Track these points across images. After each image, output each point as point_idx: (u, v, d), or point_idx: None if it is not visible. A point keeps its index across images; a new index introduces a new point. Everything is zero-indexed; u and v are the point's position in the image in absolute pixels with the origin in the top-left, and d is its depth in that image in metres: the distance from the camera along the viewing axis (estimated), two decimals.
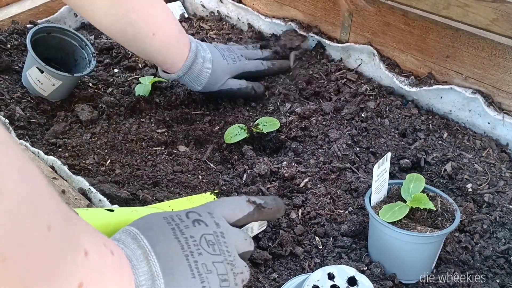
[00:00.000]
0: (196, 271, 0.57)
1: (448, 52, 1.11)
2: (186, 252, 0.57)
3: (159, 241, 0.57)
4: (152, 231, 0.58)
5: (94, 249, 0.48)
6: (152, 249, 0.56)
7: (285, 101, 1.22)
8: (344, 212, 0.94)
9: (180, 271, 0.56)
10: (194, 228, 0.60)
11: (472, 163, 1.03)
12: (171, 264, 0.56)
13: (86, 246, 0.46)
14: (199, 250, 0.58)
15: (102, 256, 0.49)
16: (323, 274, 0.69)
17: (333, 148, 1.05)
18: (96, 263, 0.47)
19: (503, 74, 1.05)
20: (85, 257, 0.46)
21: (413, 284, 0.85)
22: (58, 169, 0.91)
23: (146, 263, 0.55)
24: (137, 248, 0.56)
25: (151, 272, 0.54)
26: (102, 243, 0.50)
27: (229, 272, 0.60)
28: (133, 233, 0.58)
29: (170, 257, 0.56)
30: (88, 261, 0.46)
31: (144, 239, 0.57)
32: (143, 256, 0.55)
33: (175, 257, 0.57)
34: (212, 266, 0.58)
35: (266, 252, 0.85)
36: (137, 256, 0.55)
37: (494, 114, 1.07)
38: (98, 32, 1.51)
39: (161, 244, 0.57)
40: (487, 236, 0.91)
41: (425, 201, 0.81)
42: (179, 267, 0.56)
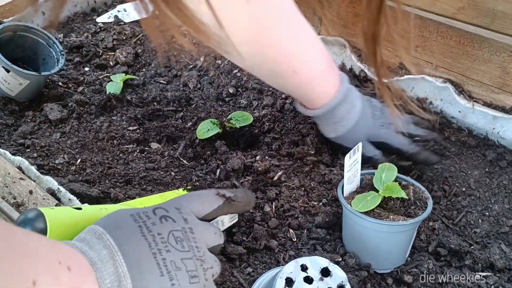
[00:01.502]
0: (165, 268, 0.56)
1: (417, 42, 1.12)
2: (153, 250, 0.56)
3: (126, 240, 0.56)
4: (118, 230, 0.57)
5: (45, 274, 0.46)
6: (118, 248, 0.55)
7: (258, 95, 1.21)
8: (318, 204, 0.94)
9: (148, 270, 0.54)
10: (161, 225, 0.59)
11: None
12: (138, 263, 0.54)
13: (34, 275, 0.45)
14: (167, 247, 0.57)
15: (55, 277, 0.47)
16: (296, 266, 0.68)
17: (307, 140, 1.05)
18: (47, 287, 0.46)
19: (472, 62, 1.05)
20: (33, 287, 0.44)
21: (388, 273, 0.85)
22: (25, 170, 0.89)
23: (112, 263, 0.54)
24: (102, 248, 0.54)
25: (118, 272, 0.53)
26: (56, 262, 0.48)
27: (199, 268, 0.59)
28: (99, 232, 0.56)
29: (137, 256, 0.55)
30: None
31: (110, 238, 0.55)
32: (109, 256, 0.54)
33: (142, 256, 0.55)
34: (181, 263, 0.57)
35: (241, 247, 0.84)
36: (102, 257, 0.54)
37: (465, 103, 1.08)
38: (67, 30, 1.48)
39: (128, 243, 0.55)
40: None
41: (397, 190, 0.81)
42: (147, 265, 0.55)
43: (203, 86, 1.27)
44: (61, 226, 0.65)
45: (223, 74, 1.28)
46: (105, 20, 1.53)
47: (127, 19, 1.55)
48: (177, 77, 1.32)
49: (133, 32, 1.47)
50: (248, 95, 1.22)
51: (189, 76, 1.29)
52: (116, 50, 1.39)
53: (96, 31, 1.47)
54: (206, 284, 0.60)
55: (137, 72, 1.35)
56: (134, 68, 1.36)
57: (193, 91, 1.26)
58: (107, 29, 1.48)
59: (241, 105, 1.19)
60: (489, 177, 1.03)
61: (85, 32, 1.47)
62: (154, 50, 1.42)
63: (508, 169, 1.04)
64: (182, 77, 1.30)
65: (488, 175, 1.03)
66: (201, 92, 1.25)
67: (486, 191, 1.00)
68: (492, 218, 0.94)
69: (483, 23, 1.00)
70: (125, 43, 1.43)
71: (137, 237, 0.57)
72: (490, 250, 0.87)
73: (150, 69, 1.35)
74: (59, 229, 0.65)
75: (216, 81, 1.27)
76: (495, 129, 1.07)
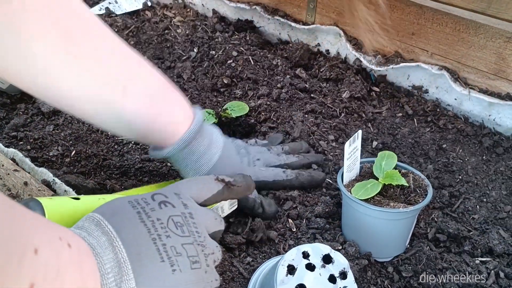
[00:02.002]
0: (165, 254, 0.54)
1: (413, 30, 1.11)
2: (153, 236, 0.55)
3: (125, 226, 0.55)
4: (116, 216, 0.56)
5: (46, 245, 0.45)
6: (117, 234, 0.53)
7: (254, 85, 1.20)
8: (316, 193, 0.94)
9: (148, 256, 0.53)
10: (160, 210, 0.58)
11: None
12: (138, 249, 0.53)
13: (36, 243, 0.43)
14: (167, 232, 0.56)
15: (56, 251, 0.46)
16: (297, 253, 0.68)
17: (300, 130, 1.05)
18: (49, 260, 0.44)
19: (467, 49, 1.05)
20: (34, 255, 0.43)
21: (388, 261, 0.84)
22: (19, 162, 0.87)
23: (111, 249, 0.53)
24: (101, 235, 0.53)
25: (117, 258, 0.52)
26: (56, 237, 0.47)
27: (200, 253, 0.58)
28: (97, 219, 0.55)
29: (136, 241, 0.54)
30: (38, 259, 0.43)
31: (109, 225, 0.54)
32: (108, 242, 0.53)
33: (142, 242, 0.54)
34: (182, 248, 0.56)
35: (239, 236, 0.83)
36: (102, 243, 0.53)
37: (461, 90, 1.07)
38: None
39: (127, 229, 0.54)
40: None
41: (398, 178, 0.81)
42: (147, 251, 0.54)
43: (197, 77, 1.25)
44: (59, 216, 0.64)
45: (217, 64, 1.26)
46: (96, 12, 1.51)
47: (119, 11, 1.53)
48: (171, 68, 1.31)
49: (125, 24, 1.45)
50: (243, 85, 1.21)
51: (182, 67, 1.27)
52: None
53: None
54: (208, 270, 0.59)
55: None
56: None
57: (187, 82, 1.24)
58: None
59: (237, 95, 1.18)
60: (486, 164, 1.03)
61: None
62: (147, 42, 1.41)
63: (505, 155, 1.04)
64: (175, 68, 1.28)
65: (485, 162, 1.03)
66: (195, 83, 1.24)
67: (484, 178, 1.00)
68: (490, 204, 0.94)
69: (479, 8, 1.00)
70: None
71: (136, 223, 0.56)
72: (489, 235, 0.87)
73: None
74: (57, 218, 0.63)
75: (211, 72, 1.25)
76: (491, 116, 1.07)
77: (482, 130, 1.08)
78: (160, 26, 1.47)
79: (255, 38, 1.36)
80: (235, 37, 1.36)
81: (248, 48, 1.31)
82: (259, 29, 1.41)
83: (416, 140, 1.07)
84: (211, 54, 1.31)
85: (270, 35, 1.39)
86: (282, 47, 1.34)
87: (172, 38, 1.42)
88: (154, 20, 1.50)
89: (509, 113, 1.04)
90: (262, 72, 1.24)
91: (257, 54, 1.29)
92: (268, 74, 1.24)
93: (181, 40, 1.40)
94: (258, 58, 1.28)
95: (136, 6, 1.56)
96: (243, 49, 1.30)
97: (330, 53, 1.29)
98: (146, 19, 1.52)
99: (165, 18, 1.52)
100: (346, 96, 1.16)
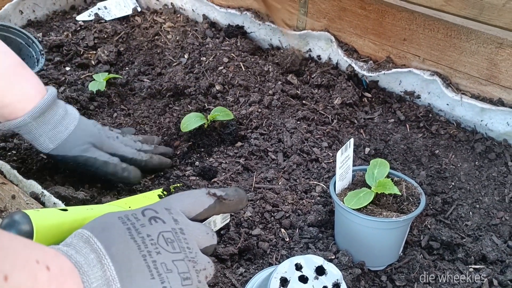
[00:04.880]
0: (155, 271, 0.53)
1: (405, 35, 1.11)
2: (143, 252, 0.54)
3: (114, 243, 0.53)
4: (106, 232, 0.54)
5: (18, 271, 0.44)
6: (106, 251, 0.52)
7: (245, 91, 1.19)
8: (309, 202, 0.93)
9: (138, 273, 0.52)
10: (150, 226, 0.56)
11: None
12: (128, 266, 0.52)
13: (7, 269, 0.42)
14: (157, 249, 0.55)
15: (31, 276, 0.45)
16: (290, 265, 0.67)
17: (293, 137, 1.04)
18: (22, 285, 0.43)
19: (459, 55, 1.05)
20: (4, 282, 0.42)
21: (382, 270, 0.84)
22: (7, 174, 0.86)
23: (100, 267, 0.51)
24: (90, 252, 0.52)
25: (106, 276, 0.51)
26: (33, 261, 0.46)
27: (191, 270, 0.57)
28: (86, 236, 0.54)
29: (126, 258, 0.52)
30: (8, 285, 0.42)
31: (98, 242, 0.53)
32: (96, 260, 0.52)
33: (132, 258, 0.53)
34: (172, 265, 0.55)
35: (232, 247, 0.83)
36: (90, 261, 0.52)
37: (453, 95, 1.07)
38: (47, 29, 1.45)
39: (116, 246, 0.53)
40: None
41: (390, 186, 0.80)
42: (137, 268, 0.52)
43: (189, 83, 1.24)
44: (47, 228, 0.63)
45: (208, 71, 1.25)
46: (85, 18, 1.50)
47: (108, 17, 1.51)
48: (161, 75, 1.30)
49: (115, 30, 1.44)
50: (234, 91, 1.20)
51: (173, 72, 1.26)
52: (97, 48, 1.36)
53: (77, 30, 1.44)
54: (199, 286, 0.58)
55: (120, 70, 1.32)
56: (117, 67, 1.33)
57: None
58: (88, 27, 1.45)
59: (228, 102, 1.17)
60: (478, 169, 1.02)
61: (65, 30, 1.43)
62: (137, 48, 1.40)
63: (497, 161, 1.04)
64: (166, 74, 1.27)
65: (478, 168, 1.03)
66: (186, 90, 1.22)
67: (476, 184, 0.99)
68: (483, 210, 0.94)
69: (471, 14, 1.00)
70: (106, 42, 1.40)
71: (125, 239, 0.54)
72: (482, 242, 0.86)
73: (133, 68, 1.32)
74: (45, 231, 0.62)
75: (202, 78, 1.24)
76: (483, 121, 1.07)
77: (474, 136, 1.08)
78: (150, 32, 1.46)
79: (246, 43, 1.35)
80: (226, 43, 1.35)
81: (239, 54, 1.30)
82: (250, 35, 1.40)
83: (408, 146, 1.06)
84: (201, 60, 1.30)
85: (261, 40, 1.38)
86: (273, 53, 1.34)
87: (162, 44, 1.41)
88: (144, 25, 1.49)
89: (501, 118, 1.04)
90: (253, 78, 1.23)
91: (248, 60, 1.28)
92: (259, 80, 1.23)
93: (171, 46, 1.39)
94: (249, 64, 1.27)
95: (125, 12, 1.55)
96: (234, 55, 1.29)
97: (321, 59, 1.28)
98: (136, 24, 1.50)
99: (155, 23, 1.50)
100: (338, 102, 1.15)
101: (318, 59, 1.29)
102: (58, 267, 0.48)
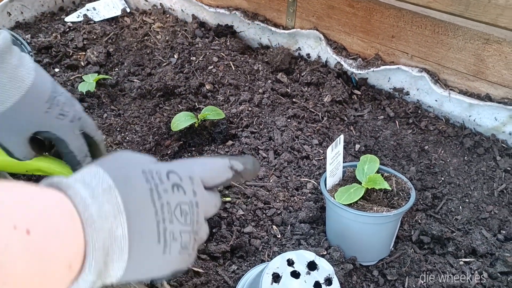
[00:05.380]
0: (163, 238, 0.54)
1: (393, 32, 1.12)
2: (158, 218, 0.54)
3: (133, 201, 0.52)
4: (128, 187, 0.53)
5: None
6: (124, 208, 0.51)
7: (235, 90, 1.20)
8: (301, 199, 0.93)
9: (147, 237, 0.53)
10: (172, 195, 0.56)
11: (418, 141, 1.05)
12: (140, 228, 0.52)
13: None
14: (172, 218, 0.55)
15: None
16: (282, 260, 0.67)
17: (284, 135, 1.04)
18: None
19: (447, 51, 1.06)
20: None
21: (374, 265, 0.84)
22: None
23: (112, 221, 0.50)
24: (105, 203, 0.50)
25: (114, 234, 0.50)
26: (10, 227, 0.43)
27: (192, 240, 0.58)
28: (107, 185, 0.52)
29: (142, 221, 0.53)
30: None
31: (119, 196, 0.51)
32: (110, 213, 0.50)
33: (146, 222, 0.53)
34: (179, 235, 0.56)
35: (224, 245, 0.83)
36: (103, 212, 0.49)
37: (441, 91, 1.08)
38: (35, 31, 1.44)
39: (135, 205, 0.52)
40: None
41: (380, 182, 0.81)
42: (148, 233, 0.53)
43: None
44: None
45: (198, 70, 1.26)
46: (74, 20, 1.50)
47: (97, 17, 1.51)
48: (151, 75, 1.29)
49: (104, 31, 1.43)
50: (224, 91, 1.20)
51: (163, 72, 1.26)
52: (87, 49, 1.36)
53: (65, 31, 1.43)
54: (192, 253, 0.58)
55: (110, 71, 1.32)
56: (107, 68, 1.33)
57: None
58: (77, 28, 1.45)
59: (218, 101, 1.18)
60: (467, 164, 1.03)
61: (54, 32, 1.43)
62: (126, 48, 1.39)
63: (486, 155, 1.05)
64: (156, 74, 1.27)
65: (467, 163, 1.04)
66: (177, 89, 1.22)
67: (465, 179, 1.00)
68: (472, 204, 0.95)
69: (457, 10, 1.01)
70: (96, 43, 1.40)
71: (146, 201, 0.54)
72: (472, 236, 0.87)
73: (123, 68, 1.32)
74: None
75: (192, 77, 1.24)
76: (471, 117, 1.08)
77: (463, 131, 1.09)
78: (139, 32, 1.46)
79: (235, 43, 1.35)
80: (215, 43, 1.35)
81: (229, 53, 1.30)
82: (239, 34, 1.40)
83: (398, 142, 1.07)
84: (191, 60, 1.30)
85: (250, 40, 1.39)
86: (262, 51, 1.34)
87: (152, 44, 1.41)
88: (134, 26, 1.49)
89: (489, 113, 1.05)
90: (243, 77, 1.23)
91: (238, 59, 1.29)
92: (249, 79, 1.23)
93: (161, 46, 1.39)
94: (239, 63, 1.28)
95: (114, 13, 1.54)
96: (223, 55, 1.29)
97: (310, 57, 1.29)
98: (125, 25, 1.50)
99: (145, 24, 1.50)
100: (327, 100, 1.16)
101: (308, 58, 1.29)
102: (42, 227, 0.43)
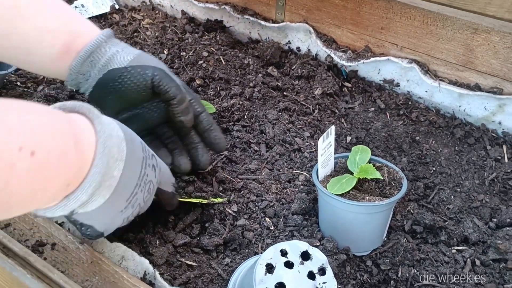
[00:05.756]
0: (130, 199, 0.68)
1: (382, 24, 1.12)
2: (138, 182, 0.68)
3: (132, 157, 0.65)
4: (131, 146, 0.65)
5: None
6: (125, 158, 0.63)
7: (226, 85, 1.19)
8: (293, 191, 0.93)
9: (126, 190, 0.66)
10: (151, 171, 0.71)
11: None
12: (126, 181, 0.64)
13: None
14: (143, 188, 0.70)
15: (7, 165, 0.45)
16: (275, 251, 0.67)
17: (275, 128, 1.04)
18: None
19: (436, 41, 1.06)
20: None
21: (367, 255, 0.85)
22: None
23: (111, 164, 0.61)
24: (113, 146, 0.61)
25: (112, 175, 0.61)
26: (16, 149, 0.46)
27: (145, 200, 0.72)
28: (120, 138, 0.63)
29: (130, 174, 0.66)
30: None
31: (124, 149, 0.63)
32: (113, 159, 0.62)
33: (131, 178, 0.66)
34: (141, 199, 0.70)
35: (217, 238, 0.83)
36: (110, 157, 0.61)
37: (431, 82, 1.09)
38: None
39: (131, 162, 0.65)
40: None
41: (372, 171, 0.81)
42: (129, 187, 0.66)
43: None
44: None
45: (188, 65, 1.25)
46: None
47: (86, 14, 1.50)
48: None
49: None
50: (215, 85, 1.20)
51: None
52: None
53: None
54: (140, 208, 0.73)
55: None
56: None
57: None
58: None
59: (209, 95, 1.17)
60: (458, 154, 1.04)
61: None
62: None
63: (476, 145, 1.05)
64: None
65: (458, 153, 1.04)
66: None
67: (457, 168, 1.01)
68: (464, 194, 0.96)
69: (446, 0, 1.01)
70: None
71: (138, 163, 0.68)
72: (463, 224, 0.88)
73: None
74: None
75: (182, 72, 1.24)
76: (461, 107, 1.09)
77: (454, 121, 1.10)
78: (129, 29, 1.45)
79: (225, 38, 1.35)
80: (205, 38, 1.35)
81: (219, 48, 1.30)
82: (229, 29, 1.40)
83: (389, 133, 1.07)
84: (181, 55, 1.29)
85: (240, 34, 1.39)
86: (253, 46, 1.34)
87: (142, 40, 1.40)
88: (123, 23, 1.48)
89: (479, 103, 1.05)
90: (233, 71, 1.23)
91: (228, 54, 1.28)
92: (240, 73, 1.23)
93: (151, 42, 1.38)
94: (229, 57, 1.27)
95: (103, 10, 1.53)
96: (213, 49, 1.29)
97: (301, 50, 1.29)
98: (114, 22, 1.49)
99: (134, 20, 1.49)
100: (318, 92, 1.16)
101: (298, 51, 1.29)
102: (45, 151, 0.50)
